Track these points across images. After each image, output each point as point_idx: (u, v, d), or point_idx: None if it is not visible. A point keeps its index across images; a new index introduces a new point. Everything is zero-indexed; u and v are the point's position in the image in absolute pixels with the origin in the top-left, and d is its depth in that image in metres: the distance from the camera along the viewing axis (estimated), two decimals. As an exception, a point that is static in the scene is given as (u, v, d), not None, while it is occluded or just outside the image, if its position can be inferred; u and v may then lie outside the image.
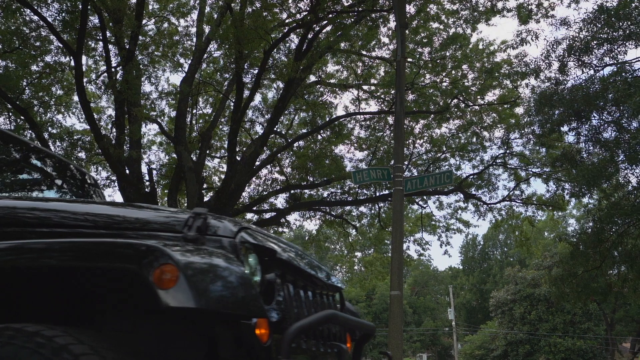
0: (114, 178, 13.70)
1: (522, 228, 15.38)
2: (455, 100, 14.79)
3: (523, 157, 14.77)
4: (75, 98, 16.18)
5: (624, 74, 9.63)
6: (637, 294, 11.57)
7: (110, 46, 13.18)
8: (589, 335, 35.21)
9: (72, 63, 14.36)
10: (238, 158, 13.47)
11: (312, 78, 15.65)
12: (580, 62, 10.29)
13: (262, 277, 1.77)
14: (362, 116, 15.83)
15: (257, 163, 14.01)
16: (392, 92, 15.10)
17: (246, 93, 13.08)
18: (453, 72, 14.86)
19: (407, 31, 12.12)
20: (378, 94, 16.11)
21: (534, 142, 12.64)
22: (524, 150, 14.64)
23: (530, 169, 14.73)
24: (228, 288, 1.52)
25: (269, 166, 15.50)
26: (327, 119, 15.62)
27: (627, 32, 9.53)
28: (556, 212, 16.62)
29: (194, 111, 15.78)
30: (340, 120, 15.35)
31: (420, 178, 8.74)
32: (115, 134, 12.63)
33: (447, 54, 14.76)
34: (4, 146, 3.16)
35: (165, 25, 15.86)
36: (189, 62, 14.60)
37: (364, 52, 15.08)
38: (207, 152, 15.18)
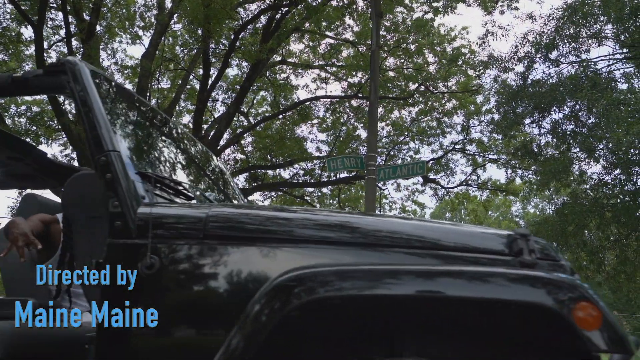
0: (73, 156, 13.25)
1: (476, 212, 15.98)
2: (417, 85, 15.02)
3: (481, 144, 15.26)
4: (26, 68, 15.48)
5: (588, 72, 10.07)
6: (589, 280, 12.30)
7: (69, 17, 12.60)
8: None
9: (22, 30, 13.75)
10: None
11: (276, 57, 15.51)
12: (546, 59, 10.66)
13: None
14: (327, 99, 15.84)
15: (222, 143, 13.87)
16: (358, 74, 15.20)
17: (212, 71, 12.87)
18: (415, 57, 15.06)
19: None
20: (341, 75, 16.14)
21: (494, 130, 13.04)
22: (482, 137, 15.14)
23: (487, 155, 15.25)
24: (619, 325, 1.41)
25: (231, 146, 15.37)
26: (290, 100, 15.56)
27: (591, 30, 9.93)
28: (510, 196, 17.31)
29: (154, 86, 15.38)
30: (306, 103, 15.32)
31: (393, 168, 8.92)
32: (75, 110, 12.19)
33: (411, 39, 14.92)
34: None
35: (124, -6, 15.28)
36: (149, 35, 14.16)
37: (329, 34, 15.03)
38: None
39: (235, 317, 1.53)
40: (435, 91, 15.11)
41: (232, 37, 12.24)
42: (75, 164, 13.54)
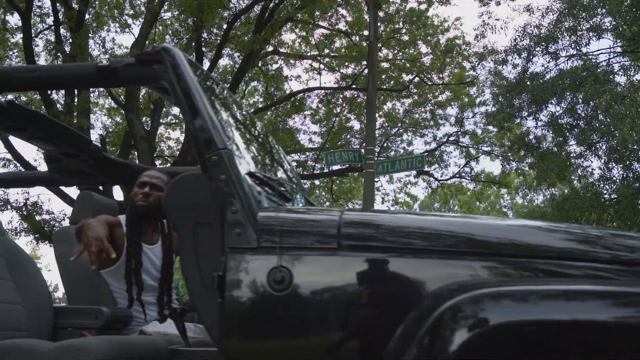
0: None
1: (469, 204, 16.00)
2: (412, 77, 14.93)
3: (474, 136, 15.24)
4: (13, 56, 15.12)
5: (589, 65, 10.03)
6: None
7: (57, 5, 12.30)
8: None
9: (8, 18, 13.42)
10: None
11: (268, 47, 15.30)
12: (545, 52, 10.60)
13: None
14: (321, 90, 15.68)
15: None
16: (351, 65, 15.06)
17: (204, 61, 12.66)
18: (410, 48, 14.94)
19: (366, 7, 12.11)
20: (334, 65, 15.98)
21: (490, 122, 12.97)
22: (475, 129, 15.12)
23: (480, 147, 15.23)
24: None
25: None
26: (282, 91, 15.37)
27: (591, 22, 9.87)
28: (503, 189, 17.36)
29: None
30: (300, 95, 15.16)
31: (392, 161, 8.82)
32: (64, 100, 11.95)
33: (404, 30, 14.80)
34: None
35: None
36: (139, 24, 13.90)
37: (323, 24, 14.86)
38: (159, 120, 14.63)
39: (384, 349, 1.31)
40: (429, 83, 15.01)
41: (225, 27, 12.04)
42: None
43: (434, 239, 1.47)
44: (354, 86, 14.81)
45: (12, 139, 12.31)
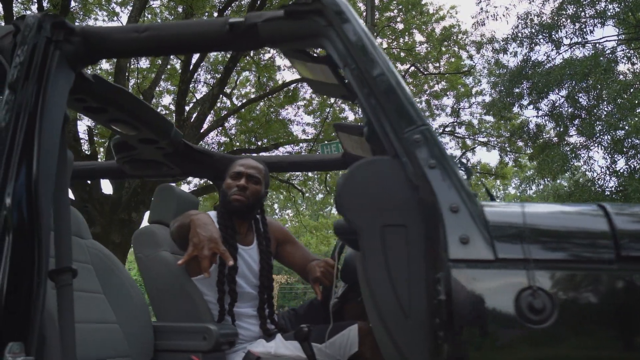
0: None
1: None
2: (408, 67, 14.67)
3: (470, 126, 15.04)
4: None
5: (598, 53, 9.84)
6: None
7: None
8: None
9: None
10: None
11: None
12: (549, 40, 10.39)
13: None
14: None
15: (205, 125, 13.38)
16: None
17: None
18: (404, 37, 14.69)
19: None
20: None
21: (489, 111, 12.75)
22: (472, 120, 14.91)
23: (477, 138, 15.04)
24: None
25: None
26: (276, 81, 15.07)
27: (595, 9, 9.65)
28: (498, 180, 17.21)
29: (132, 65, 14.76)
30: (293, 85, 14.88)
31: (390, 154, 8.58)
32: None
33: (399, 18, 14.56)
34: None
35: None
36: (127, 12, 13.55)
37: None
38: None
39: None
40: (425, 72, 14.76)
41: (216, 15, 11.72)
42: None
43: None
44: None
45: None
